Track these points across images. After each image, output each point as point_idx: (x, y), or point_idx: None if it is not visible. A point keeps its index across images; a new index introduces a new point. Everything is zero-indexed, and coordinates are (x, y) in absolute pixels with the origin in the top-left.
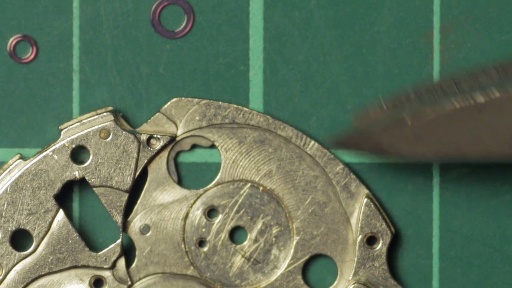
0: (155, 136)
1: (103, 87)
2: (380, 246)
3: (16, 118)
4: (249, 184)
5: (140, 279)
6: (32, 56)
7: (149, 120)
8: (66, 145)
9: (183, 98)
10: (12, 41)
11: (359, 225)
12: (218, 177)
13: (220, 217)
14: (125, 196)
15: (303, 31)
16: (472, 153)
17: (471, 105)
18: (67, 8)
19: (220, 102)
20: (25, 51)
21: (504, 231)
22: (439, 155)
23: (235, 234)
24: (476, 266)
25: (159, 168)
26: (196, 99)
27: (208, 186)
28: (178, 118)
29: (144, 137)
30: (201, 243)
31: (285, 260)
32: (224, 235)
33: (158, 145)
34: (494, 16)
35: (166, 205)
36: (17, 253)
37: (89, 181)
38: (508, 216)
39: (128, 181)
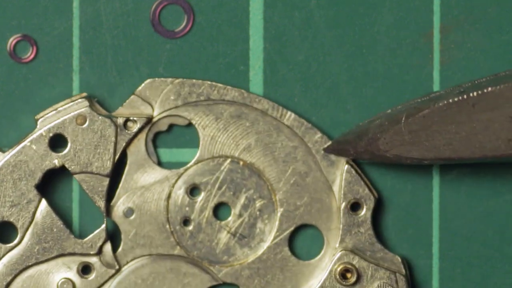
0: (131, 118)
1: (103, 87)
2: (364, 212)
3: (16, 118)
4: (229, 160)
5: (127, 262)
6: (32, 56)
7: (124, 103)
8: (44, 134)
9: (156, 78)
10: (12, 41)
11: (342, 192)
12: (197, 155)
13: (202, 194)
14: (106, 181)
15: (303, 31)
16: (466, 151)
17: (464, 99)
18: (67, 8)
19: (194, 80)
20: (25, 51)
21: (504, 231)
22: (434, 154)
23: (219, 210)
24: (476, 266)
25: (138, 150)
26: (170, 79)
27: (188, 165)
28: (153, 99)
29: (120, 121)
30: (186, 222)
31: (270, 233)
32: (208, 212)
33: (135, 127)
34: (494, 16)
35: (148, 187)
36: (3, 246)
37: (69, 168)
38: (508, 216)
39: (108, 165)
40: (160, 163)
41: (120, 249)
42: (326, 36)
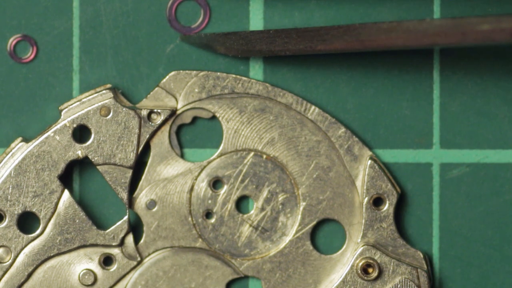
0: (155, 110)
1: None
2: (387, 207)
3: (16, 118)
4: (252, 153)
5: (149, 254)
6: (32, 56)
7: (148, 95)
8: (67, 125)
9: (181, 71)
10: (12, 41)
11: (365, 187)
12: (221, 148)
13: (225, 187)
14: (129, 173)
15: None
16: None
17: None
18: (67, 8)
19: (219, 73)
20: (25, 51)
21: (504, 231)
22: None
23: (242, 203)
24: (476, 266)
25: (161, 142)
26: (194, 71)
27: (212, 158)
28: (178, 91)
29: (144, 113)
30: (208, 215)
31: (293, 227)
32: (230, 205)
33: (159, 119)
34: None
35: (171, 179)
36: (25, 236)
37: (92, 160)
38: (508, 216)
39: (131, 157)
40: (183, 155)
41: (142, 241)
42: None
